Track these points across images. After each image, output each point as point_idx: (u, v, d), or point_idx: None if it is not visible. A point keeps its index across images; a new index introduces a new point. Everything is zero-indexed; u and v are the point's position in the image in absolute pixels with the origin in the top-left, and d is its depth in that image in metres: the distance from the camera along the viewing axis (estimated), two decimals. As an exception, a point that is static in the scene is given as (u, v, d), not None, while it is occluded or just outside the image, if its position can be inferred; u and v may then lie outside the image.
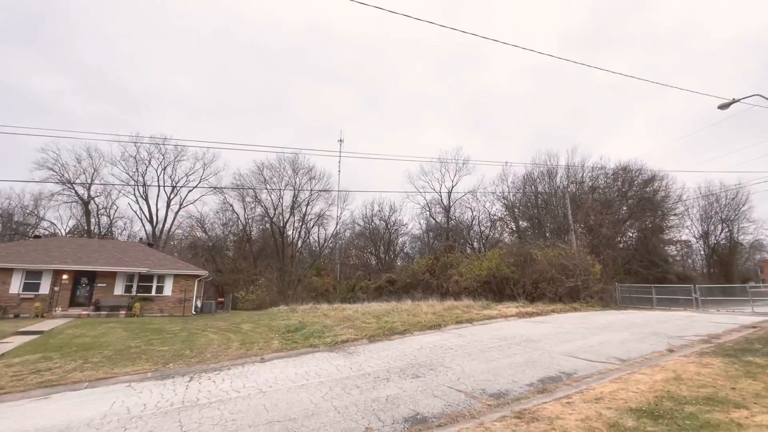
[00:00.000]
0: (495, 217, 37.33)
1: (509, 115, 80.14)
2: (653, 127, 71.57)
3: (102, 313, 16.54)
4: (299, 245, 37.55)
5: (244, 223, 35.01)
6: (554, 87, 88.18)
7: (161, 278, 19.16)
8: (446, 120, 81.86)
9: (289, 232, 37.00)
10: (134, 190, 35.22)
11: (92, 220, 34.38)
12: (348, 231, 41.74)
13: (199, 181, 35.47)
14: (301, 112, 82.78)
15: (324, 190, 36.36)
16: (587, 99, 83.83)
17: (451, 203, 38.27)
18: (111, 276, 17.90)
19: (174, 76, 75.78)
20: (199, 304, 20.79)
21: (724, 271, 29.13)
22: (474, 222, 38.34)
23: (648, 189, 29.22)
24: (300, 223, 35.93)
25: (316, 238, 41.50)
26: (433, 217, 39.36)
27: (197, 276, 20.16)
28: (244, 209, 34.97)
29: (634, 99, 79.18)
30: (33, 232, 31.20)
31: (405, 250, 42.93)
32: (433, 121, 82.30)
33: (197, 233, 35.95)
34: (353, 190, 48.86)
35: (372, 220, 42.07)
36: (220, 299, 24.77)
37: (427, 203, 39.08)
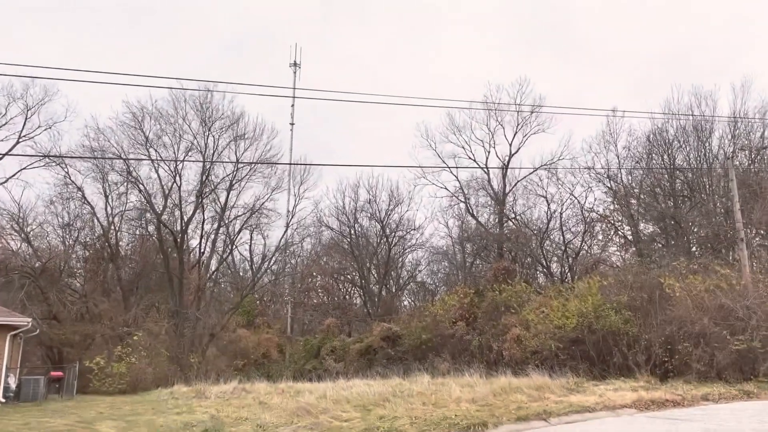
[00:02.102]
0: (593, 214, 37.95)
1: (610, 26, 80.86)
2: None
3: None
4: (213, 268, 38.27)
5: (105, 224, 34.80)
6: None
7: (-63, 331, 18.64)
8: (492, 34, 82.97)
9: (194, 243, 37.16)
10: None
11: None
12: (309, 240, 44.05)
13: (17, 142, 33.87)
14: (218, 16, 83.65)
15: (263, 163, 36.50)
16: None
17: (509, 187, 39.51)
18: None
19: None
20: (13, 382, 20.78)
21: None
22: (552, 224, 38.99)
23: None
24: (215, 226, 36.38)
25: (247, 254, 42.94)
26: (472, 214, 41.19)
27: (11, 327, 20.07)
28: (106, 197, 34.71)
29: None
30: None
31: (418, 278, 44.76)
32: (467, 36, 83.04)
33: (11, 242, 35.17)
34: (319, 163, 53.63)
35: (356, 221, 43.73)
36: (56, 374, 24.74)
37: (460, 187, 40.69)
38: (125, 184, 35.72)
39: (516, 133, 39.63)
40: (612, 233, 37.62)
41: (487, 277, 33.48)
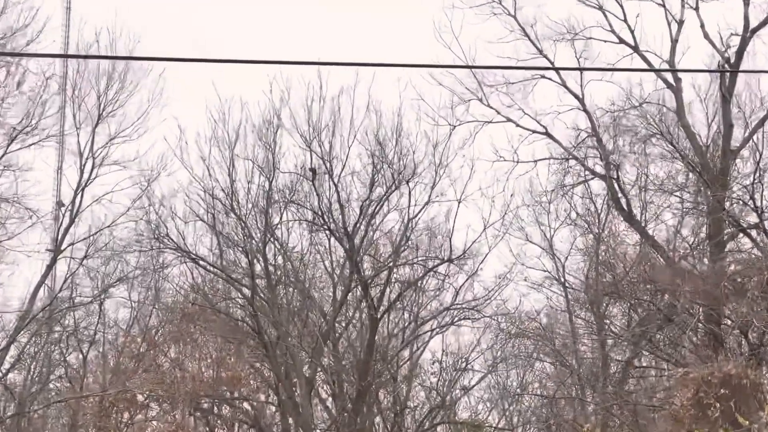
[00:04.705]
0: None
1: None
2: None
3: None
4: None
5: None
6: None
7: None
8: None
9: None
10: None
11: None
12: (136, 289, 31.43)
13: None
14: None
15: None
16: None
17: (741, 135, 27.49)
18: None
19: None
20: None
21: None
22: None
23: None
24: None
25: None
26: (623, 212, 29.23)
27: None
28: None
29: None
30: None
31: (462, 411, 34.79)
32: None
33: None
34: (154, 57, 45.05)
35: (270, 237, 28.98)
36: None
37: (593, 132, 27.71)
38: None
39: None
40: None
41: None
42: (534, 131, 25.52)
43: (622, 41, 24.57)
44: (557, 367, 29.76)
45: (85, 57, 24.27)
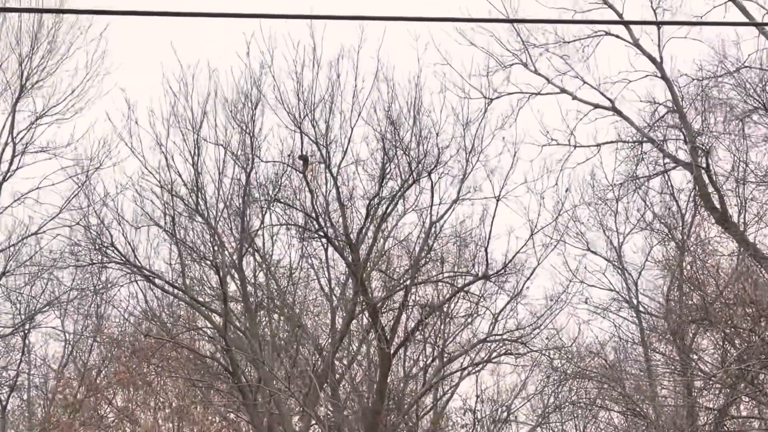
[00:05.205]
0: None
1: None
2: None
3: None
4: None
5: None
6: None
7: None
8: None
9: None
10: None
11: None
12: (66, 315, 31.34)
13: None
14: None
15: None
16: None
17: None
18: None
19: None
20: None
21: None
22: None
23: None
24: None
25: None
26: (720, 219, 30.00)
27: None
28: None
29: None
30: None
31: None
32: None
33: None
34: (102, 9, 33.41)
35: (247, 247, 28.62)
36: None
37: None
38: None
39: None
40: None
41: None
42: (597, 105, 21.47)
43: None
44: (628, 417, 26.31)
45: (2, 10, 21.23)
